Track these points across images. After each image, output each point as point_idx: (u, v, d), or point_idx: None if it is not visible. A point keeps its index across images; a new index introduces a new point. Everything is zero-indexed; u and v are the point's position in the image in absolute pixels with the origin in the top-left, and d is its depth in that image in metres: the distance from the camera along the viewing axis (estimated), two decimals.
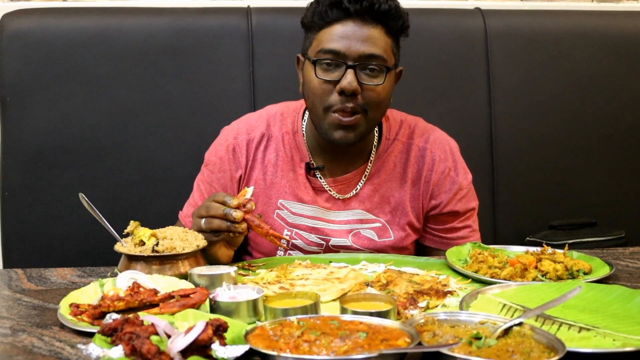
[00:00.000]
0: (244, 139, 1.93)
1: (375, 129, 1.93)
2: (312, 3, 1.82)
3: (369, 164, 1.92)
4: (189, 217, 1.94)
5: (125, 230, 1.58)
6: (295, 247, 1.92)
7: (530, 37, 2.64)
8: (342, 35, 1.75)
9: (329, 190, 1.91)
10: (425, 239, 2.00)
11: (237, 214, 1.57)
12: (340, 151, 1.88)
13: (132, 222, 1.58)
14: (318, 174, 1.91)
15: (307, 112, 1.93)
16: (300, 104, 1.97)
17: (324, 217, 1.91)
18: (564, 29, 2.66)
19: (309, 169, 1.91)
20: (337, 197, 1.91)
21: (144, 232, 1.55)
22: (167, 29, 2.47)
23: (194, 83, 2.46)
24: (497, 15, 2.65)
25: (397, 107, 2.09)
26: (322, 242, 1.91)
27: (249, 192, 1.63)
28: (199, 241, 1.58)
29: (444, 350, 1.08)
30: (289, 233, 1.70)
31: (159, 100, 2.44)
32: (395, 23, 1.80)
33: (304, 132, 1.93)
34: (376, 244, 1.92)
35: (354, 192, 1.91)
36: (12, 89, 2.38)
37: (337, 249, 1.92)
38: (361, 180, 1.92)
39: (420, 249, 2.02)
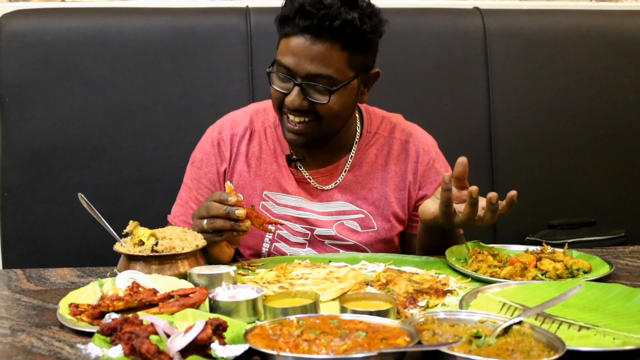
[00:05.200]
0: (227, 133, 1.97)
1: (357, 123, 1.97)
2: (283, 4, 1.80)
3: (350, 156, 1.95)
4: (178, 217, 1.95)
5: (125, 230, 1.58)
6: (281, 238, 1.94)
7: (529, 36, 2.64)
8: (293, 51, 1.74)
9: (311, 181, 1.94)
10: (413, 228, 2.00)
11: (241, 212, 1.56)
12: (319, 144, 1.91)
13: (131, 222, 1.58)
14: (299, 165, 1.94)
15: None
16: None
17: (308, 208, 1.94)
18: (562, 29, 2.67)
19: (290, 161, 1.94)
20: (319, 188, 1.94)
21: (143, 232, 1.55)
22: (166, 29, 2.47)
23: (192, 83, 2.46)
24: (495, 15, 2.66)
25: (396, 107, 2.09)
26: (307, 231, 1.93)
27: (232, 186, 1.63)
28: (198, 241, 1.58)
29: (444, 349, 1.08)
30: (271, 227, 1.73)
31: (157, 100, 2.45)
32: (352, 37, 1.73)
33: None
34: (360, 235, 1.95)
35: (336, 183, 1.95)
36: (11, 89, 2.39)
37: (322, 238, 1.94)
38: (342, 172, 1.95)
39: (406, 242, 2.03)
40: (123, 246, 1.56)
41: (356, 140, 1.96)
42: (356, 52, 1.77)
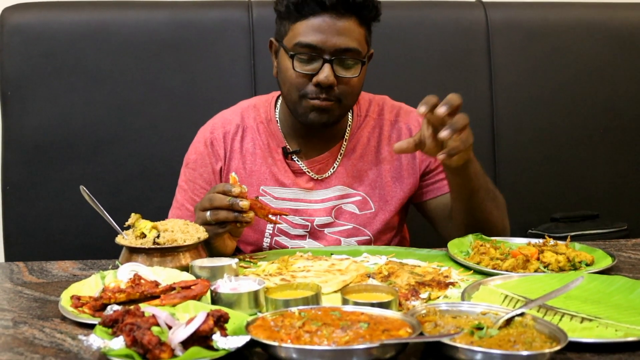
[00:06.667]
0: (220, 132, 1.97)
1: None
2: None
3: (344, 143, 1.97)
4: None
5: (127, 223, 1.58)
6: (282, 232, 1.95)
7: (532, 29, 2.63)
8: (318, 29, 1.77)
9: (308, 172, 1.95)
10: (425, 194, 2.01)
11: (244, 203, 1.56)
12: (314, 134, 1.93)
13: (133, 214, 1.58)
14: (295, 157, 1.95)
15: (279, 101, 1.99)
16: (272, 95, 2.03)
17: (306, 198, 1.95)
18: (565, 21, 2.66)
19: (286, 154, 1.95)
20: (316, 178, 1.95)
21: (145, 225, 1.55)
22: (168, 22, 2.47)
23: (195, 77, 2.46)
24: (498, 8, 2.65)
25: (399, 99, 2.09)
26: (307, 223, 1.94)
27: (236, 177, 1.62)
28: (200, 233, 1.57)
29: (446, 340, 1.07)
30: (274, 218, 1.74)
31: (160, 94, 2.45)
32: (369, 13, 1.82)
33: (277, 120, 1.98)
34: (358, 218, 1.96)
35: (332, 170, 1.96)
36: (12, 83, 2.39)
37: (322, 227, 1.95)
38: (337, 159, 1.96)
39: (427, 211, 2.04)
40: (125, 239, 1.56)
41: (349, 124, 1.98)
42: (368, 29, 1.86)
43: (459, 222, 1.89)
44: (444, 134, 1.58)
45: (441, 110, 1.60)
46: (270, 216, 1.66)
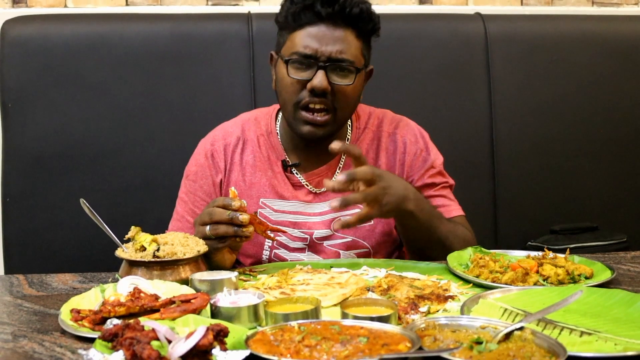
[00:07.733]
0: (221, 144, 1.98)
1: (347, 121, 1.99)
2: (285, 2, 1.87)
3: (343, 156, 1.97)
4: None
5: (126, 236, 1.58)
6: (281, 245, 1.94)
7: (531, 41, 2.64)
8: (314, 37, 1.80)
9: (306, 185, 1.95)
10: None
11: (244, 217, 1.56)
12: (313, 147, 1.93)
13: (133, 227, 1.58)
14: (294, 170, 1.95)
15: (280, 114, 2.00)
16: (273, 107, 2.04)
17: (305, 211, 1.95)
18: (564, 34, 2.67)
19: (285, 166, 1.95)
20: (314, 191, 1.95)
21: (145, 238, 1.55)
22: (168, 35, 2.48)
23: (194, 89, 2.47)
24: (497, 20, 2.66)
25: (398, 110, 2.09)
26: (306, 235, 1.94)
27: (236, 192, 1.63)
28: (200, 246, 1.57)
29: (445, 355, 1.08)
30: (271, 234, 1.73)
31: (159, 106, 2.45)
32: (366, 26, 1.84)
33: (278, 132, 1.99)
34: (357, 230, 1.95)
35: None
36: (13, 95, 2.39)
37: (321, 240, 1.95)
38: (336, 172, 1.96)
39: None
40: (125, 252, 1.56)
41: (347, 137, 1.99)
42: (365, 43, 1.87)
43: (407, 247, 1.94)
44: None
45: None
46: (268, 232, 1.66)
